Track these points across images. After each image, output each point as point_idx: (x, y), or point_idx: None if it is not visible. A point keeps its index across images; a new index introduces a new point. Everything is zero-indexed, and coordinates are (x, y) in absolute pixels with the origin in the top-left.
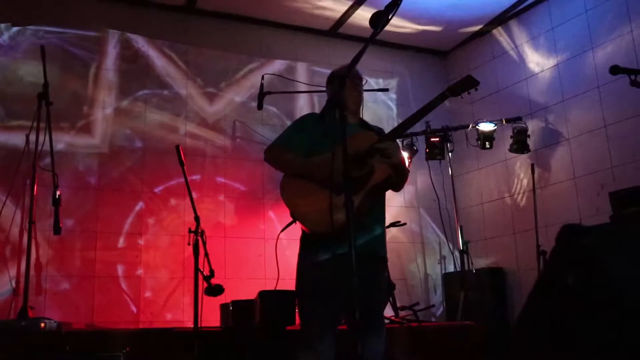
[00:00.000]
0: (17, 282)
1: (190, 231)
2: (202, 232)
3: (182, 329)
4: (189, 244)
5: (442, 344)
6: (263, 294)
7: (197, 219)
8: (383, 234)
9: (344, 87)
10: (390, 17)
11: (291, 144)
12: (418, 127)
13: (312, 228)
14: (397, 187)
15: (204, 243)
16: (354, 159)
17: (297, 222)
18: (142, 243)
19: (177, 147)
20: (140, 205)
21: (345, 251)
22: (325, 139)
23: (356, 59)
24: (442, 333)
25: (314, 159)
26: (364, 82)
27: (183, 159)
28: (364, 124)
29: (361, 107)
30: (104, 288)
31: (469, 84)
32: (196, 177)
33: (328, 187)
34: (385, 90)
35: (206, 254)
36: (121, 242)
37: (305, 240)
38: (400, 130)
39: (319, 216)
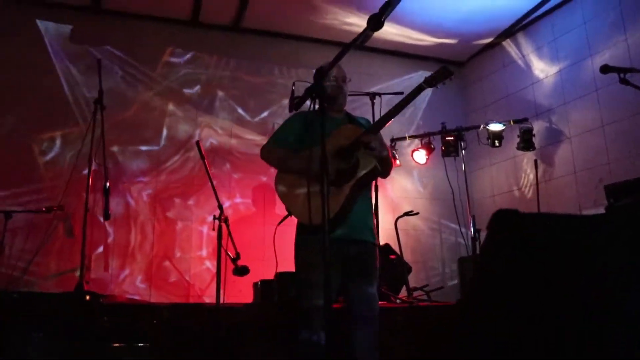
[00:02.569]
0: (88, 260)
1: (214, 218)
2: (226, 218)
3: (210, 304)
4: (213, 230)
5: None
6: (279, 275)
7: (220, 207)
8: (370, 222)
9: (322, 81)
10: (383, 19)
11: (281, 141)
12: (434, 127)
13: (304, 220)
14: (384, 175)
15: (228, 228)
16: (340, 153)
17: (291, 215)
18: (190, 226)
19: (197, 142)
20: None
21: (335, 238)
22: (314, 135)
23: (338, 58)
24: (452, 312)
25: (301, 154)
26: (347, 80)
27: (203, 153)
28: (350, 118)
29: (343, 102)
30: (156, 267)
31: (444, 74)
32: (237, 175)
33: (313, 181)
34: (400, 93)
35: (231, 238)
36: (175, 226)
37: (299, 227)
38: (382, 123)
39: (307, 210)
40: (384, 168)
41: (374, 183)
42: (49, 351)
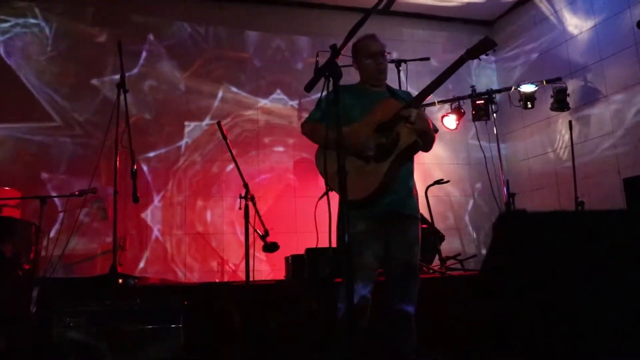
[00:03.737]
0: (122, 242)
1: (240, 197)
2: (252, 197)
3: (239, 283)
4: (239, 209)
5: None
6: (309, 251)
7: (246, 185)
8: (411, 195)
9: (336, 59)
10: None
11: (322, 117)
12: (464, 91)
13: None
14: (426, 149)
15: (255, 206)
16: (381, 127)
17: (332, 190)
18: (224, 206)
19: (219, 122)
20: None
21: (374, 214)
22: (356, 110)
23: (355, 29)
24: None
25: (343, 129)
26: (386, 55)
27: (225, 133)
28: (391, 91)
29: (384, 77)
30: (192, 246)
31: (487, 45)
32: (266, 150)
33: (355, 156)
34: (427, 59)
35: (258, 216)
36: (205, 205)
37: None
38: (422, 96)
39: (349, 186)
40: (425, 142)
41: None
42: (86, 335)
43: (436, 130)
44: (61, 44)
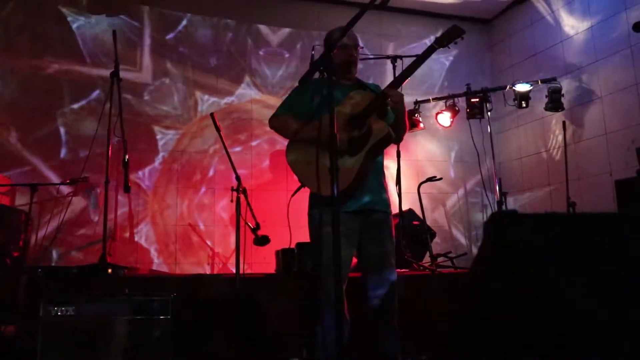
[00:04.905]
0: (114, 230)
1: (232, 189)
2: (244, 189)
3: (230, 275)
4: (231, 201)
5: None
6: (299, 245)
7: (237, 178)
8: (383, 191)
9: (331, 52)
10: None
11: (291, 110)
12: (459, 88)
13: (316, 191)
14: (398, 140)
15: (247, 199)
16: (352, 120)
17: (304, 186)
18: (212, 198)
19: (212, 114)
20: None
21: (347, 209)
22: (324, 103)
23: (351, 24)
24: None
25: (311, 123)
26: (358, 47)
27: (218, 125)
28: (360, 84)
29: (354, 70)
30: (183, 238)
31: (455, 33)
32: (257, 141)
33: (324, 150)
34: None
35: (250, 209)
36: (196, 197)
37: (312, 198)
38: (398, 81)
39: (323, 180)
40: (399, 130)
41: (396, 147)
42: (74, 325)
43: (419, 121)
44: None
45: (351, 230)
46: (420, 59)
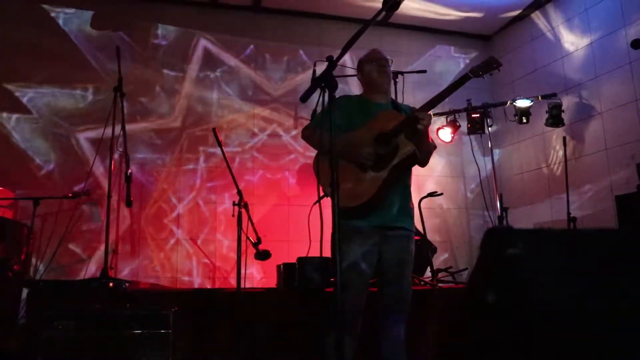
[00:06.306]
0: (114, 246)
1: (234, 204)
2: (245, 204)
3: (230, 289)
4: (232, 216)
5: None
6: (300, 260)
7: (239, 192)
8: (408, 209)
9: (332, 70)
10: None
11: (323, 124)
12: (460, 104)
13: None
14: (423, 163)
15: (248, 213)
16: (380, 138)
17: (327, 196)
18: (216, 211)
19: (214, 130)
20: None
21: (367, 225)
22: (358, 119)
23: (352, 41)
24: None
25: (341, 137)
26: (390, 63)
27: (220, 139)
28: (394, 104)
29: (387, 86)
30: (184, 252)
31: (491, 65)
32: (260, 156)
33: (353, 163)
34: (424, 71)
35: (251, 223)
36: (201, 211)
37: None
38: (429, 105)
39: (345, 193)
40: (424, 154)
41: None
42: (75, 339)
43: (434, 147)
44: None
45: (371, 245)
46: (454, 86)
